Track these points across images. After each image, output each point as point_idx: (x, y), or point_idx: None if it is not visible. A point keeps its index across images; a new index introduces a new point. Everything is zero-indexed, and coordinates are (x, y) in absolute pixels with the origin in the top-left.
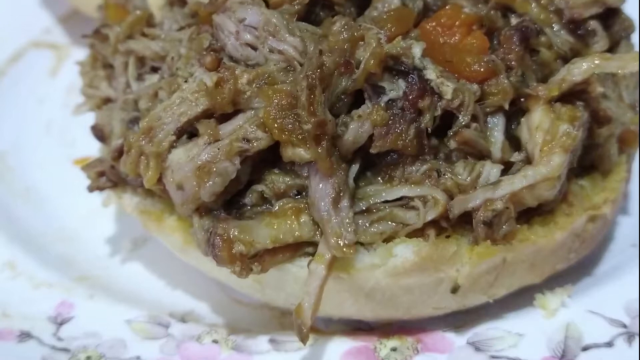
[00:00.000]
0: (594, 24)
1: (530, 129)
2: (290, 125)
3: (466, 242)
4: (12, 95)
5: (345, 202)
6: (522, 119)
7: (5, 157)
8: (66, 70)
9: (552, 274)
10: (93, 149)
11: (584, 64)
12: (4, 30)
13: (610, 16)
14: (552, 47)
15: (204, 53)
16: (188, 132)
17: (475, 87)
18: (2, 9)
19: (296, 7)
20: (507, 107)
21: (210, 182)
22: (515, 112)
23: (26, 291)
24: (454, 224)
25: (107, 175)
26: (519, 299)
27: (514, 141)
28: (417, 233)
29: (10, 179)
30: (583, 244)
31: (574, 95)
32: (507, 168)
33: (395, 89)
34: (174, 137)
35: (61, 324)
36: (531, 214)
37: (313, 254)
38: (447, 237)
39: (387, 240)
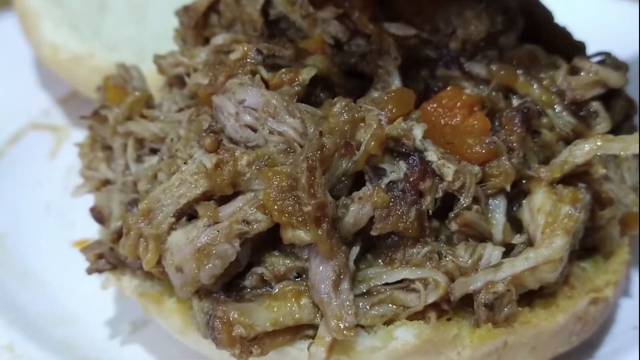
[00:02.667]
0: (596, 105)
1: (532, 210)
2: (290, 207)
3: (467, 325)
4: (11, 177)
5: (345, 285)
6: (524, 201)
7: (4, 239)
8: (65, 152)
9: (554, 357)
10: (92, 230)
11: (586, 145)
12: (3, 111)
13: (613, 97)
14: (554, 129)
15: (203, 135)
16: (187, 214)
17: (476, 169)
18: (2, 90)
19: (296, 88)
20: (508, 189)
21: (210, 265)
22: (517, 193)
23: None
24: (455, 307)
25: (106, 258)
26: None
27: (515, 223)
28: (418, 315)
29: (9, 261)
30: (585, 327)
31: (576, 177)
32: (509, 250)
33: (396, 170)
34: (173, 219)
35: None
36: (533, 296)
37: (313, 337)
38: (448, 319)
39: (388, 322)
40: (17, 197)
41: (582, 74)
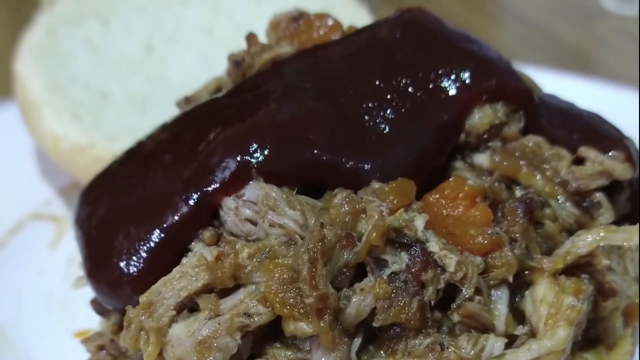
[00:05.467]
0: (599, 196)
1: (535, 301)
2: (292, 300)
3: None
4: (12, 267)
5: None
6: (527, 292)
7: (5, 330)
8: (66, 243)
9: None
10: (93, 322)
11: (589, 236)
12: (4, 201)
13: (616, 188)
14: (557, 220)
15: (202, 230)
16: (188, 306)
17: (478, 259)
18: (3, 180)
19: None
20: (511, 280)
21: (211, 358)
22: (520, 284)
23: None
24: None
25: (107, 349)
26: None
27: (518, 314)
28: None
29: (10, 351)
30: None
31: (578, 267)
32: (511, 341)
33: (398, 261)
34: (174, 312)
35: None
36: None
37: None
38: None
39: None
40: (18, 287)
41: (587, 163)
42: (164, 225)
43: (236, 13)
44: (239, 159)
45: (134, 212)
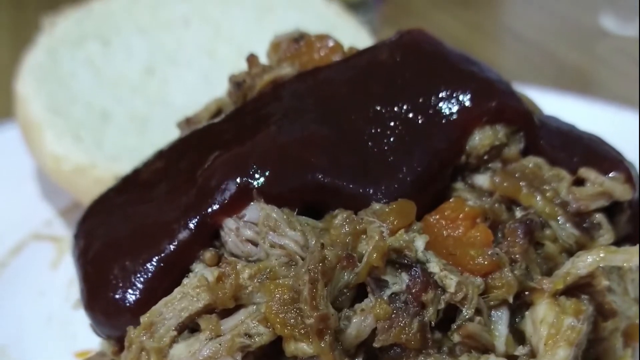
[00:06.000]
0: (599, 217)
1: (535, 322)
2: (292, 320)
3: None
4: (13, 288)
5: None
6: (527, 313)
7: (6, 350)
8: (67, 263)
9: None
10: (94, 342)
11: (589, 257)
12: (5, 221)
13: (616, 209)
14: (557, 241)
15: (203, 250)
16: (189, 327)
17: (479, 280)
18: (4, 201)
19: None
20: (511, 300)
21: None
22: (520, 305)
23: None
24: None
25: None
26: None
27: (518, 334)
28: None
29: None
30: None
31: (578, 288)
32: None
33: (398, 282)
34: (175, 333)
35: None
36: None
37: None
38: None
39: None
40: (20, 308)
41: (587, 184)
42: (162, 255)
43: (237, 34)
44: (239, 180)
45: (131, 244)
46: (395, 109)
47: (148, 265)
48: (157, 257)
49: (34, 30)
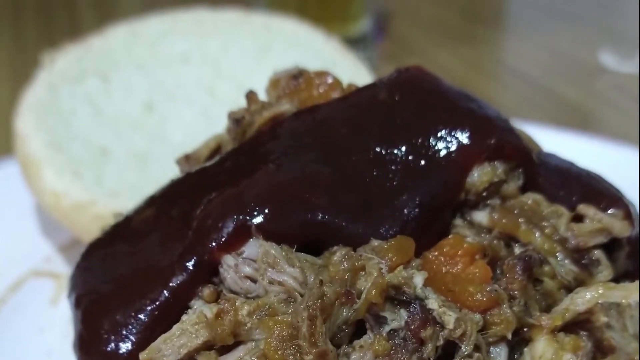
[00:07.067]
0: (598, 254)
1: (534, 358)
2: (291, 356)
3: None
4: (12, 324)
5: None
6: (525, 349)
7: None
8: (67, 300)
9: None
10: None
11: (587, 293)
12: (5, 258)
13: (615, 246)
14: (555, 277)
15: (202, 287)
16: None
17: (477, 316)
18: (3, 237)
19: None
20: (510, 337)
21: None
22: (519, 341)
23: None
24: None
25: None
26: None
27: None
28: None
29: None
30: None
31: (577, 324)
32: None
33: (397, 318)
34: None
35: None
36: None
37: None
38: None
39: None
40: (19, 344)
41: (586, 221)
42: (157, 304)
43: (236, 71)
44: (238, 217)
45: (124, 294)
46: (395, 150)
47: (142, 316)
48: (152, 307)
49: (33, 66)
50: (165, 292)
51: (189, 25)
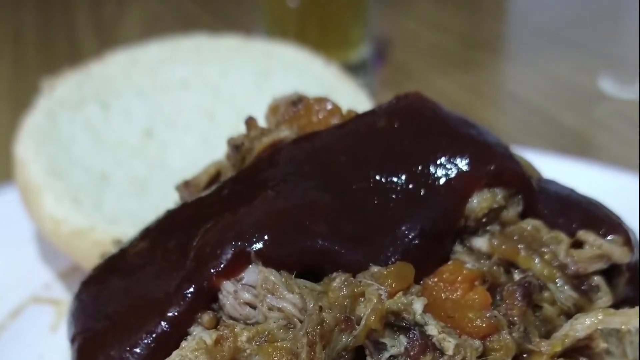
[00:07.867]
0: (598, 280)
1: None
2: None
3: None
4: (12, 351)
5: None
6: None
7: None
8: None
9: None
10: None
11: (587, 319)
12: (4, 284)
13: (615, 272)
14: (555, 303)
15: (201, 313)
16: None
17: (477, 342)
18: (3, 264)
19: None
20: None
21: None
22: None
23: None
24: None
25: None
26: None
27: None
28: None
29: None
30: None
31: (577, 350)
32: None
33: (397, 345)
34: None
35: None
36: None
37: None
38: None
39: None
40: None
41: (585, 247)
42: (155, 336)
43: (236, 97)
44: (236, 243)
45: (119, 330)
46: (395, 177)
47: (139, 350)
48: (148, 339)
49: (33, 92)
50: (162, 322)
51: (188, 52)
